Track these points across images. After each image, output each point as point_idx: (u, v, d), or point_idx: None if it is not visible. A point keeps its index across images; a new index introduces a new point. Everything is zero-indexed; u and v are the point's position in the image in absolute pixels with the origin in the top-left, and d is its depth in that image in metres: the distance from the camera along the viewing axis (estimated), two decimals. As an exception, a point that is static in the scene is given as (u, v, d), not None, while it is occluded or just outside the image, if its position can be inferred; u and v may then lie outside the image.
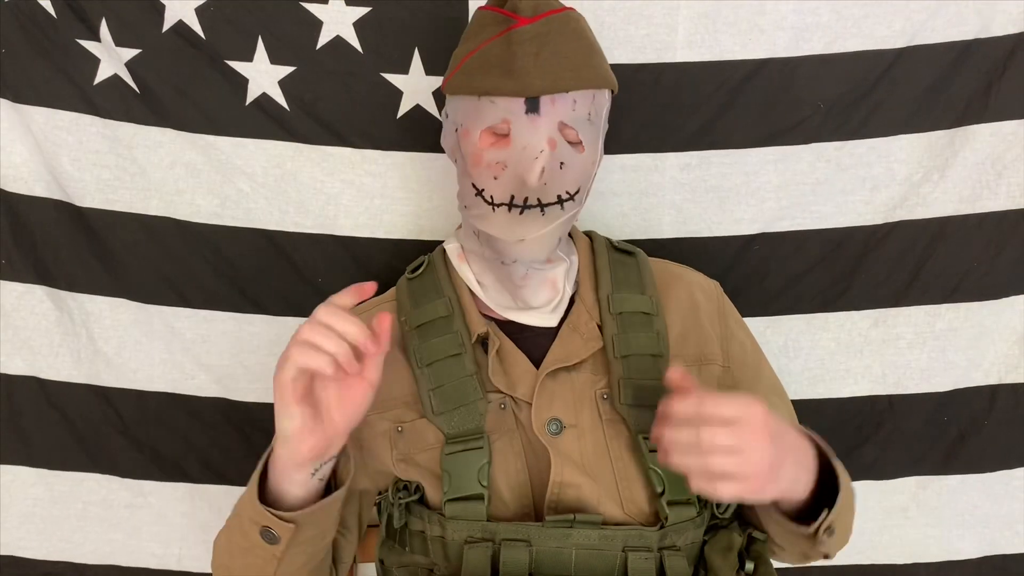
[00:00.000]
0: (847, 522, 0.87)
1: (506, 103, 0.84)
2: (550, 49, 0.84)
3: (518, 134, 0.84)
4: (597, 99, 0.88)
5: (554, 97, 0.84)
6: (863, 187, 1.12)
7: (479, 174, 0.86)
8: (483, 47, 0.86)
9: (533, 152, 0.84)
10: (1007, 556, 1.18)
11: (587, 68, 0.86)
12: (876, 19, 1.09)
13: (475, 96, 0.86)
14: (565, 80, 0.84)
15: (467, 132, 0.87)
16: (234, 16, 1.08)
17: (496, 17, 0.86)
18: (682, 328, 0.94)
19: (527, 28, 0.83)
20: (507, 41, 0.84)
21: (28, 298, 1.13)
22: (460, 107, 0.89)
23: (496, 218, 0.86)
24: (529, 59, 0.83)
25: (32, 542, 1.16)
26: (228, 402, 1.15)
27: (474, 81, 0.86)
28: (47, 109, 1.09)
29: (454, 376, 0.89)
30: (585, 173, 0.88)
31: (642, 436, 0.87)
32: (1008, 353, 1.14)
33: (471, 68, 0.86)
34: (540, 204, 0.85)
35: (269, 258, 1.13)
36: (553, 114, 0.84)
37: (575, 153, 0.87)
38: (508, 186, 0.85)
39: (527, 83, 0.83)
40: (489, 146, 0.86)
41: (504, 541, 0.84)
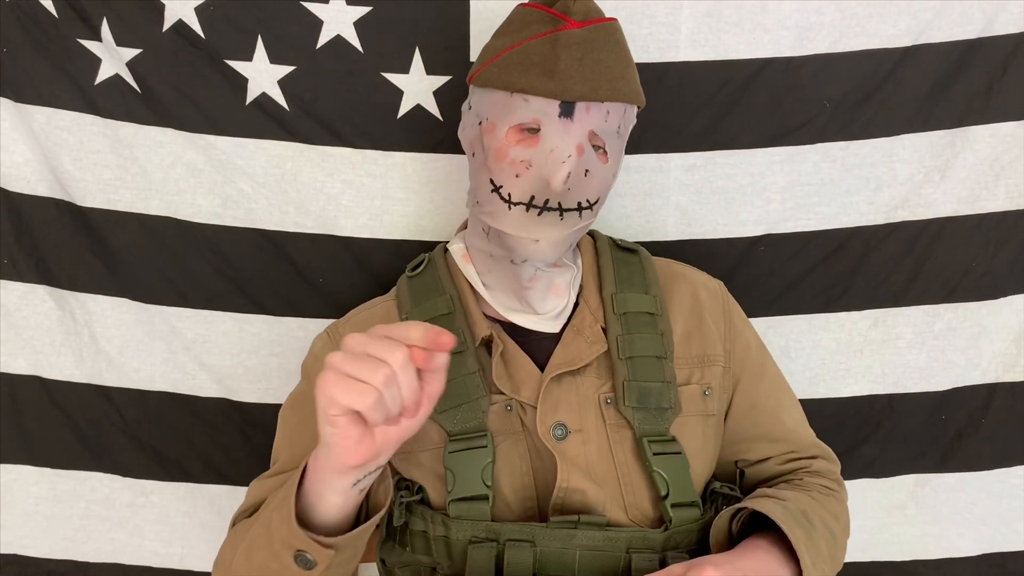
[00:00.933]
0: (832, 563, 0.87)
1: (540, 103, 0.83)
2: (593, 56, 0.83)
3: (548, 135, 0.83)
4: (628, 113, 0.88)
5: (589, 105, 0.83)
6: (867, 187, 1.12)
7: (500, 170, 0.85)
8: (525, 44, 0.84)
9: (561, 156, 0.83)
10: (1006, 554, 1.18)
11: (624, 81, 0.85)
12: (881, 18, 1.08)
13: (507, 92, 0.85)
14: (604, 90, 0.83)
15: (493, 126, 0.86)
16: (234, 15, 1.07)
17: (543, 16, 0.85)
18: (685, 328, 0.94)
19: (576, 32, 0.83)
20: (553, 42, 0.83)
21: (30, 297, 1.13)
22: (488, 100, 0.87)
23: (512, 216, 0.85)
24: (573, 63, 0.82)
25: (35, 541, 1.17)
26: (229, 402, 1.15)
27: (510, 76, 0.84)
28: (48, 109, 1.09)
29: (456, 374, 0.88)
30: (606, 184, 0.88)
31: (646, 439, 0.87)
32: (1006, 352, 1.15)
33: (509, 63, 0.85)
34: (560, 208, 0.84)
35: (270, 258, 1.13)
36: (586, 121, 0.84)
37: (600, 163, 0.86)
38: (530, 186, 0.84)
39: (567, 87, 0.82)
40: (516, 143, 0.85)
41: (508, 541, 0.84)
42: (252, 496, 0.93)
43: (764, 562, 0.79)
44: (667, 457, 0.87)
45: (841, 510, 0.93)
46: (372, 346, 0.65)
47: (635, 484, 0.88)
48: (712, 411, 0.93)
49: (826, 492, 0.93)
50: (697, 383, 0.93)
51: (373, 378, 0.64)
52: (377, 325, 0.68)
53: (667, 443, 0.88)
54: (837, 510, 0.92)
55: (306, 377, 0.97)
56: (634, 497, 0.87)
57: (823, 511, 0.88)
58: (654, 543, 0.85)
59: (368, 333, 0.67)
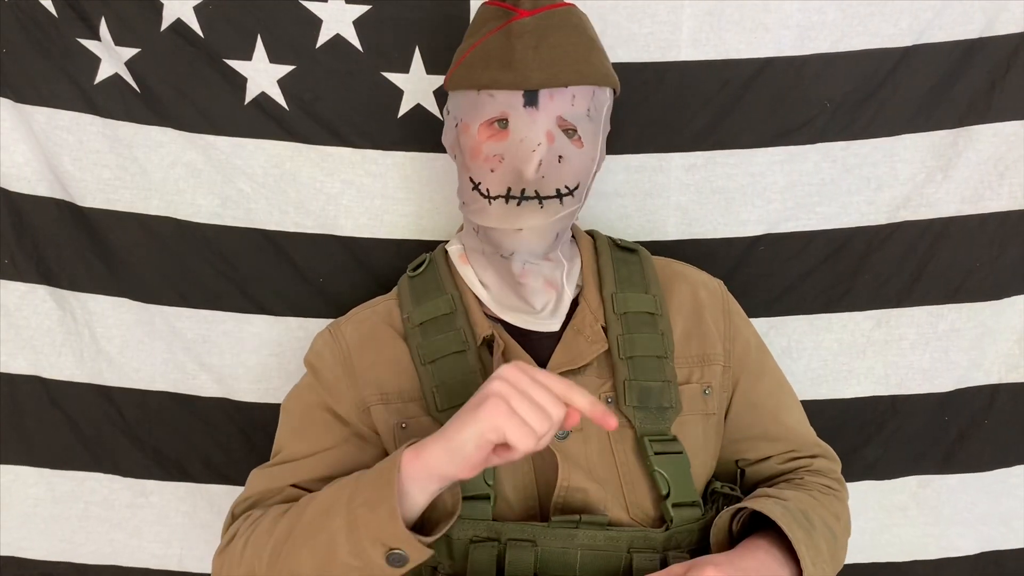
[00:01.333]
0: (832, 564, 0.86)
1: (505, 96, 0.85)
2: (549, 43, 0.84)
3: (516, 127, 0.85)
4: (597, 96, 0.88)
5: (552, 92, 0.85)
6: (868, 187, 1.12)
7: (477, 167, 0.87)
8: (483, 40, 0.87)
9: (531, 145, 0.84)
10: (1003, 552, 1.18)
11: (586, 64, 0.86)
12: (883, 17, 1.08)
13: (475, 90, 0.87)
14: (564, 75, 0.84)
15: (466, 126, 0.88)
16: (233, 14, 1.07)
17: (497, 11, 0.87)
18: (685, 327, 0.94)
19: (527, 21, 0.84)
20: (507, 34, 0.85)
21: (30, 297, 1.13)
22: (460, 102, 0.90)
23: (493, 210, 0.86)
24: (528, 52, 0.84)
25: (33, 542, 1.16)
26: (229, 402, 1.15)
27: (474, 75, 0.87)
28: (48, 109, 1.09)
29: (457, 373, 0.88)
30: (584, 169, 0.88)
31: (647, 438, 0.87)
32: (1009, 352, 1.14)
33: (471, 62, 0.87)
34: (538, 196, 0.85)
35: (270, 258, 1.13)
36: (551, 108, 0.85)
37: (574, 148, 0.87)
38: (505, 178, 0.86)
39: (525, 76, 0.84)
40: (487, 139, 0.87)
41: (510, 541, 0.84)
42: (254, 486, 0.92)
43: (764, 562, 0.79)
44: (668, 457, 0.87)
45: (842, 509, 0.93)
46: (540, 394, 0.70)
47: (636, 483, 0.88)
48: (712, 410, 0.93)
49: (827, 491, 0.93)
50: (697, 382, 0.92)
51: (540, 427, 0.70)
52: (546, 373, 0.72)
53: (668, 442, 0.88)
54: (838, 509, 0.92)
55: (312, 372, 0.96)
56: (635, 496, 0.87)
57: (823, 510, 0.88)
58: (655, 543, 0.85)
59: (538, 375, 0.72)
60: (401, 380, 0.91)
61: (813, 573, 0.78)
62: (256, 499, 0.90)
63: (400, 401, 0.91)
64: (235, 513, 0.91)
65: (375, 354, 0.92)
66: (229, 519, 0.91)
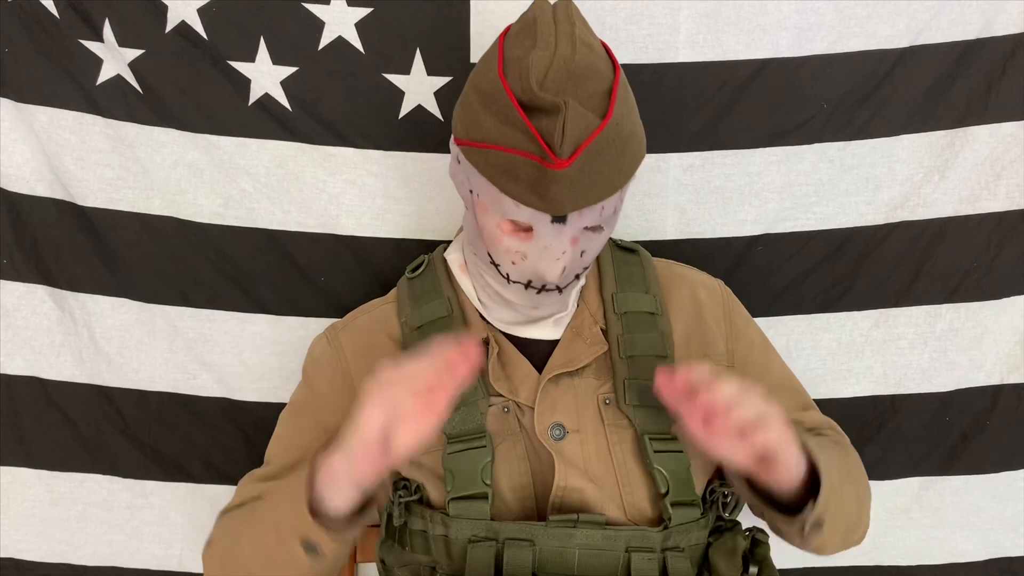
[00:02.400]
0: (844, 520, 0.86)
1: (531, 211, 0.80)
2: (585, 175, 0.78)
3: (541, 235, 0.81)
4: (625, 188, 0.85)
5: (582, 211, 0.81)
6: (866, 187, 1.12)
7: (496, 252, 0.85)
8: (511, 154, 0.78)
9: (555, 253, 0.82)
10: (1013, 559, 1.17)
11: (618, 175, 0.81)
12: (880, 18, 1.09)
13: (497, 188, 0.80)
14: (597, 195, 0.80)
15: (484, 208, 0.83)
16: (236, 16, 1.08)
17: (527, 133, 0.76)
18: (685, 328, 0.94)
19: (565, 172, 0.77)
20: (540, 171, 0.77)
21: (29, 298, 1.13)
22: (478, 180, 0.82)
23: (511, 290, 0.87)
24: (564, 190, 0.78)
25: (32, 544, 1.16)
26: (230, 402, 1.15)
27: (498, 179, 0.79)
28: (50, 109, 1.09)
29: None
30: (602, 245, 0.87)
31: (648, 436, 0.87)
32: (1010, 353, 1.14)
33: (495, 163, 0.79)
34: (558, 288, 0.86)
35: (271, 258, 1.13)
36: (580, 222, 0.81)
37: (596, 237, 0.85)
38: (526, 274, 0.84)
39: (557, 208, 0.79)
40: (509, 232, 0.83)
41: (508, 540, 0.84)
42: (242, 494, 0.93)
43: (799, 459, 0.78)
44: (668, 455, 0.87)
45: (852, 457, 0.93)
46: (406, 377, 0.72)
47: (634, 483, 0.88)
48: None
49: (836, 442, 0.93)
50: None
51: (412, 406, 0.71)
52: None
53: (669, 441, 0.88)
54: (848, 457, 0.92)
55: (306, 381, 0.97)
56: (632, 497, 0.87)
57: (832, 447, 0.88)
58: (653, 542, 0.85)
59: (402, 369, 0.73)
60: None
61: (827, 471, 0.78)
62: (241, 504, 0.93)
63: None
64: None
65: (371, 363, 0.91)
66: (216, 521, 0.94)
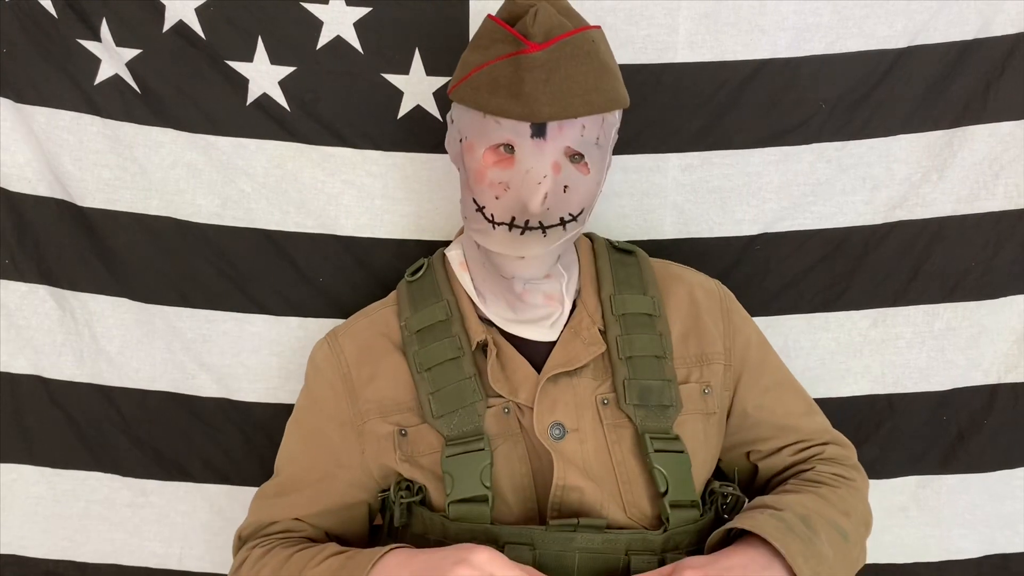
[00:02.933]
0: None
1: (512, 124, 0.83)
2: (561, 75, 0.82)
3: (522, 157, 0.84)
4: (607, 121, 0.87)
5: (562, 123, 0.83)
6: (864, 187, 1.12)
7: (481, 191, 0.86)
8: (491, 64, 0.84)
9: (536, 177, 0.83)
10: (1008, 555, 1.17)
11: (597, 93, 0.84)
12: (878, 19, 1.09)
13: (481, 112, 0.85)
14: (574, 107, 0.82)
15: (471, 147, 0.87)
16: (234, 16, 1.08)
17: (507, 35, 0.84)
18: (683, 328, 0.95)
19: (538, 55, 0.81)
20: (516, 65, 0.82)
21: (31, 297, 1.13)
22: (465, 118, 0.88)
23: (496, 235, 0.86)
24: (539, 85, 0.81)
25: (34, 541, 1.17)
26: (229, 402, 1.15)
27: (480, 98, 0.84)
28: (48, 109, 1.09)
29: (453, 379, 0.89)
30: (589, 194, 0.88)
31: (648, 435, 0.87)
32: (1008, 352, 1.15)
33: (478, 83, 0.85)
34: (542, 226, 0.85)
35: (270, 258, 1.13)
36: (560, 139, 0.83)
37: (580, 175, 0.86)
38: (510, 207, 0.85)
39: (535, 109, 0.81)
40: (493, 164, 0.85)
41: (507, 544, 0.84)
42: (257, 515, 0.96)
43: (752, 559, 0.79)
44: (669, 455, 0.88)
45: (856, 502, 0.92)
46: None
47: (633, 482, 0.88)
48: (712, 409, 0.93)
49: (839, 483, 0.92)
50: (696, 382, 0.93)
51: None
52: (512, 566, 0.76)
53: (670, 440, 0.88)
54: (850, 504, 0.91)
55: (308, 388, 0.98)
56: (632, 495, 0.88)
57: (830, 510, 0.87)
58: (653, 545, 0.86)
59: (504, 569, 0.76)
60: (398, 392, 0.92)
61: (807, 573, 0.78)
62: (259, 525, 0.94)
63: (398, 412, 0.92)
64: (242, 536, 0.96)
65: (372, 367, 0.94)
66: (237, 542, 0.96)
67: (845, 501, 0.90)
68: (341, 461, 0.94)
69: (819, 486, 0.91)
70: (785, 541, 0.79)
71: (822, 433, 0.98)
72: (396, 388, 0.92)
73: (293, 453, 0.97)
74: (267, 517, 0.95)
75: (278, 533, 0.94)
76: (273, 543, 0.92)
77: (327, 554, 0.86)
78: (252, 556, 0.91)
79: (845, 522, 0.88)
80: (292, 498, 0.95)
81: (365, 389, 0.93)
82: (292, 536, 0.94)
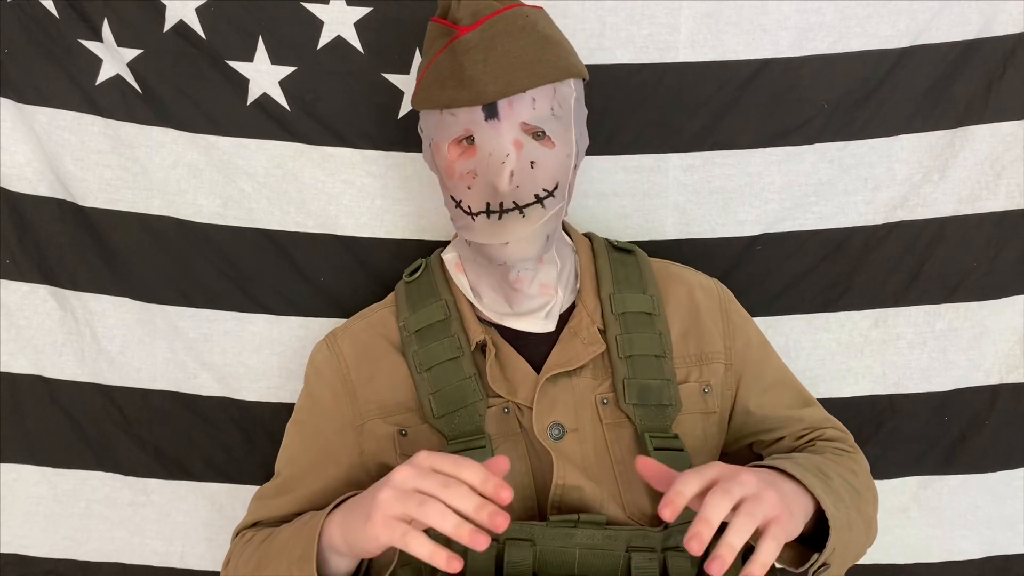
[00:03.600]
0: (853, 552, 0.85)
1: (465, 113, 0.84)
2: (498, 52, 0.83)
3: (482, 142, 0.85)
4: (560, 92, 0.87)
5: (511, 99, 0.84)
6: (865, 187, 1.12)
7: (454, 185, 0.87)
8: (434, 61, 0.86)
9: (499, 157, 0.84)
10: (1010, 557, 1.17)
11: (540, 64, 0.85)
12: (880, 18, 1.09)
13: (437, 110, 0.87)
14: (518, 80, 0.83)
15: (437, 146, 0.89)
16: (234, 16, 1.08)
17: (440, 29, 0.86)
18: (682, 328, 0.95)
19: (469, 37, 0.83)
20: (452, 52, 0.84)
21: (32, 297, 1.14)
22: (429, 121, 0.90)
23: (478, 226, 0.86)
24: (478, 66, 0.83)
25: (35, 540, 1.17)
26: (230, 401, 1.15)
27: (432, 95, 0.86)
28: (50, 109, 1.09)
29: (453, 379, 0.89)
30: (561, 167, 0.88)
31: (648, 434, 0.87)
32: (1009, 353, 1.14)
33: (428, 83, 0.87)
34: (517, 207, 0.85)
35: (271, 258, 1.13)
36: (513, 116, 0.84)
37: (545, 150, 0.86)
38: (482, 194, 0.85)
39: (479, 90, 0.83)
40: (458, 157, 0.87)
41: (508, 540, 0.84)
42: (254, 514, 0.96)
43: (793, 490, 0.78)
44: (668, 454, 0.88)
45: (859, 467, 0.92)
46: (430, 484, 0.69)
47: (633, 481, 0.88)
48: (712, 408, 0.94)
49: (841, 454, 0.93)
50: (696, 381, 0.93)
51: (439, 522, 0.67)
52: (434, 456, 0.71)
53: (669, 439, 0.89)
54: (854, 466, 0.91)
55: (307, 390, 0.98)
56: (632, 495, 0.88)
57: (839, 467, 0.88)
58: (654, 542, 0.85)
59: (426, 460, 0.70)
60: (398, 393, 0.92)
61: (835, 514, 0.77)
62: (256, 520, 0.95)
63: (398, 413, 0.92)
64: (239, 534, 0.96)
65: (371, 368, 0.94)
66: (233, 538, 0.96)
67: (849, 464, 0.91)
68: (340, 462, 0.94)
69: (823, 453, 0.92)
70: (804, 475, 0.79)
71: (822, 421, 0.99)
72: (396, 389, 0.92)
73: (293, 455, 0.97)
74: (268, 514, 0.95)
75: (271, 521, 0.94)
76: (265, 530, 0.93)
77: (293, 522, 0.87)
78: (240, 543, 0.92)
79: (854, 479, 0.87)
80: (290, 498, 0.95)
81: (365, 390, 0.93)
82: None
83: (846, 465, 0.90)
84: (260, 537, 0.90)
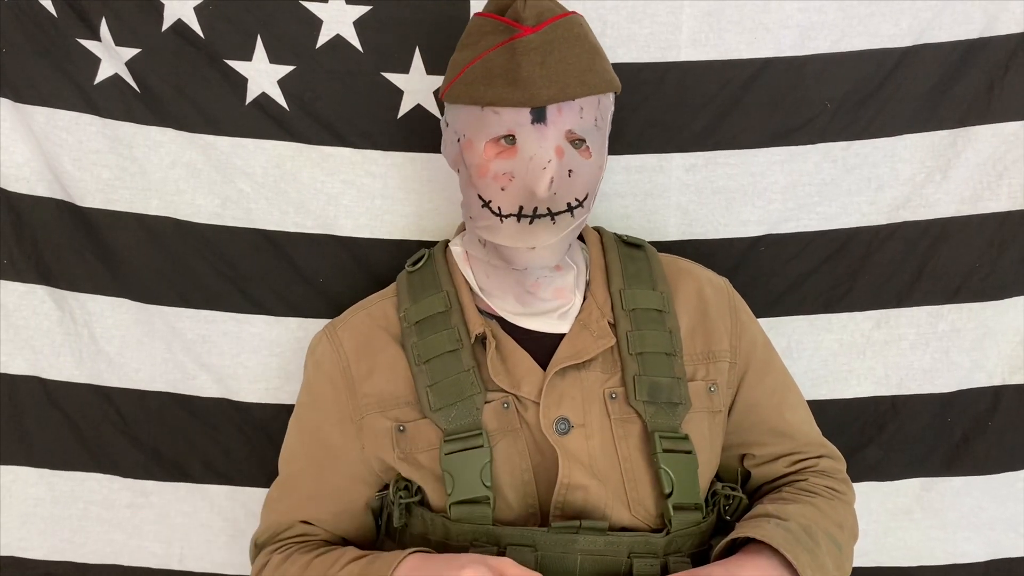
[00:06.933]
0: None
1: (511, 114, 0.84)
2: (555, 57, 0.83)
3: (525, 144, 0.84)
4: (603, 103, 0.88)
5: (561, 106, 0.84)
6: (868, 187, 1.12)
7: (485, 185, 0.86)
8: (485, 56, 0.85)
9: (541, 162, 0.83)
10: (1014, 559, 1.17)
11: (591, 74, 0.85)
12: (883, 17, 1.08)
13: (477, 106, 0.85)
14: (572, 88, 0.83)
15: (471, 143, 0.87)
16: (233, 15, 1.07)
17: (497, 25, 0.85)
18: (690, 324, 0.94)
19: (532, 38, 0.83)
20: (511, 51, 0.83)
21: (30, 298, 1.13)
22: (461, 116, 0.88)
23: (505, 228, 0.86)
24: (535, 68, 0.82)
25: (33, 542, 1.16)
26: (229, 402, 1.15)
27: (476, 91, 0.85)
28: (48, 109, 1.09)
29: (451, 372, 0.89)
30: (593, 178, 0.88)
31: (657, 433, 0.87)
32: (1012, 354, 1.14)
33: (473, 78, 0.85)
34: (550, 213, 0.85)
35: (269, 258, 1.13)
36: (560, 123, 0.84)
37: (583, 160, 0.86)
38: (516, 197, 0.85)
39: (533, 93, 0.82)
40: (495, 156, 0.85)
41: (509, 546, 0.84)
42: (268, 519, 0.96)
43: (765, 570, 0.80)
44: (676, 455, 0.87)
45: (847, 515, 0.93)
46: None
47: (639, 480, 0.87)
48: (718, 407, 0.93)
49: (832, 495, 0.93)
50: (703, 379, 0.93)
51: None
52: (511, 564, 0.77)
53: (679, 440, 0.88)
54: (842, 516, 0.92)
55: (307, 383, 0.98)
56: (638, 494, 0.87)
57: (827, 521, 0.88)
58: (656, 547, 0.85)
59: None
60: (397, 386, 0.92)
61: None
62: (273, 531, 0.95)
63: (396, 406, 0.91)
64: (258, 543, 0.96)
65: (371, 361, 0.93)
66: (253, 549, 0.97)
67: (838, 513, 0.91)
68: (341, 456, 0.94)
69: (814, 496, 0.92)
70: (795, 552, 0.80)
71: (817, 446, 0.98)
72: (395, 382, 0.92)
73: (295, 451, 0.97)
74: (278, 520, 0.95)
75: (294, 538, 0.94)
76: (291, 548, 0.92)
77: (348, 558, 0.86)
78: (272, 561, 0.91)
79: (839, 534, 0.88)
80: (296, 496, 0.95)
81: (364, 383, 0.93)
82: (310, 541, 0.94)
83: (834, 518, 0.90)
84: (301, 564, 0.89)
